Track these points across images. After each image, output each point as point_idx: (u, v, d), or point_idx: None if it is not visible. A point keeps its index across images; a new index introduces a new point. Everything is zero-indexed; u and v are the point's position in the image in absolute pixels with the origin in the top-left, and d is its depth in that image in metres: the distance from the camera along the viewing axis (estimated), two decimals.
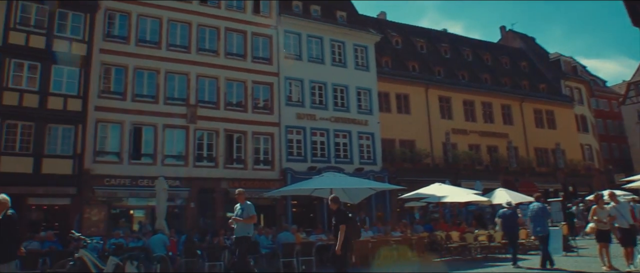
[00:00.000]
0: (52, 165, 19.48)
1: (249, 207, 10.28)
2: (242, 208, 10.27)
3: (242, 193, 10.49)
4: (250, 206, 10.30)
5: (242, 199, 10.38)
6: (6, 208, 7.83)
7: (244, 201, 10.37)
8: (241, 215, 10.17)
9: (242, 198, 10.39)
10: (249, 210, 10.24)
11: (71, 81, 20.87)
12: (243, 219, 10.13)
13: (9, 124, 19.29)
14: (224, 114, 23.88)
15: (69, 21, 21.56)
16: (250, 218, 10.26)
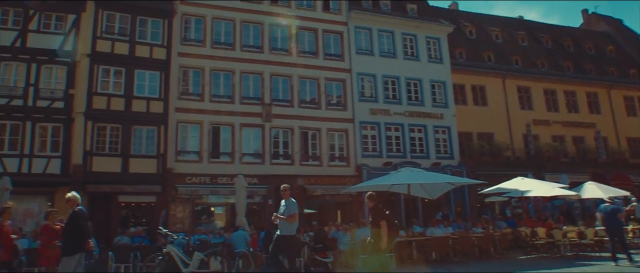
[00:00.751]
0: (138, 164, 20.42)
1: (292, 205, 9.70)
2: (285, 205, 9.78)
3: (286, 189, 9.98)
4: (293, 204, 9.72)
5: (287, 196, 9.87)
6: (75, 205, 8.35)
7: (288, 198, 9.85)
8: (284, 212, 9.68)
9: (287, 195, 9.87)
10: (291, 209, 9.66)
11: (153, 84, 21.77)
12: (285, 217, 9.62)
13: (98, 127, 20.42)
14: (298, 112, 24.04)
15: (149, 27, 22.51)
16: (291, 217, 9.64)
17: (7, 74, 20.10)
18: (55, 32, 21.04)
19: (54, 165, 19.51)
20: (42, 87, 20.24)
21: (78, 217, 8.25)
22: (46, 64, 20.50)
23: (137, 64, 21.63)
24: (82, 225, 8.27)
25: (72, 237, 8.28)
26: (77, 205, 8.42)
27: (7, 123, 19.54)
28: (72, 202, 8.44)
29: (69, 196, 8.58)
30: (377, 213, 9.57)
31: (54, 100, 20.16)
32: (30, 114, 19.73)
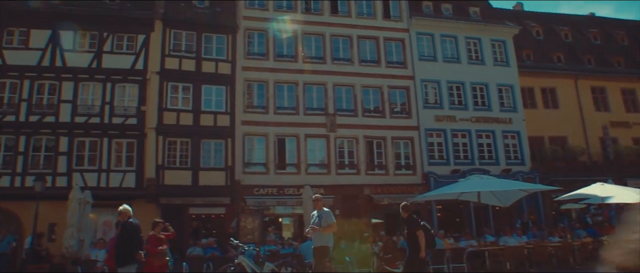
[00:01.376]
0: (207, 177, 20.89)
1: (327, 215, 9.29)
2: (319, 215, 9.35)
3: (318, 200, 9.64)
4: (328, 213, 9.33)
5: (319, 206, 9.48)
6: (127, 217, 8.79)
7: (321, 208, 9.46)
8: (318, 223, 9.24)
9: (319, 205, 9.50)
10: (327, 218, 9.24)
11: (219, 99, 22.29)
12: (321, 228, 9.16)
13: (169, 141, 21.11)
14: (362, 121, 23.86)
15: (214, 44, 23.13)
16: (329, 227, 9.18)
17: (85, 94, 21.19)
18: (126, 52, 22.00)
19: (129, 179, 20.30)
20: (116, 105, 21.19)
21: (128, 229, 8.62)
22: (120, 83, 21.46)
23: (204, 80, 22.23)
24: (133, 236, 8.62)
25: (124, 248, 8.62)
26: (129, 218, 8.83)
27: (86, 140, 20.59)
28: (123, 215, 8.87)
29: (121, 209, 9.05)
30: (412, 223, 9.36)
31: (127, 117, 21.03)
32: (106, 131, 20.68)
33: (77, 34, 21.81)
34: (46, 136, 20.45)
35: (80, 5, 22.35)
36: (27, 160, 20.00)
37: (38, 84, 20.96)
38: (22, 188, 19.28)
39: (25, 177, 19.57)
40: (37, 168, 19.89)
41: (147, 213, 20.03)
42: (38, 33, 21.49)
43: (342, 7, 25.86)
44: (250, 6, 24.61)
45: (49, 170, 19.77)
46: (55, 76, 21.05)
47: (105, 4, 22.94)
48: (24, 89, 20.71)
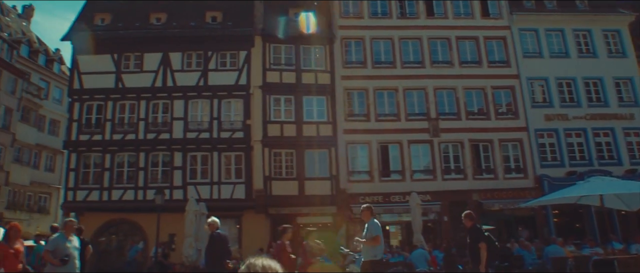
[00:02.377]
0: (313, 186, 21.10)
1: (373, 226, 8.51)
2: (366, 227, 8.70)
3: (364, 210, 8.88)
4: (375, 225, 8.52)
5: (367, 216, 8.74)
6: (215, 229, 9.30)
7: (368, 218, 8.71)
8: (366, 235, 8.58)
9: (367, 216, 8.75)
10: (372, 230, 8.49)
11: (320, 109, 22.53)
12: (366, 241, 8.48)
13: (274, 152, 21.62)
14: (467, 124, 23.02)
15: (312, 55, 23.47)
16: (373, 240, 8.43)
17: (194, 111, 22.29)
18: (230, 69, 22.90)
19: (239, 190, 21.00)
20: (223, 120, 22.09)
21: (216, 240, 9.15)
22: (225, 99, 22.35)
23: (305, 91, 22.58)
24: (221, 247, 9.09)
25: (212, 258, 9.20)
26: (217, 229, 9.32)
27: (198, 154, 21.62)
28: (212, 227, 9.34)
29: (209, 221, 9.54)
30: (475, 234, 8.84)
31: (234, 131, 21.81)
32: (215, 145, 21.57)
33: (184, 55, 23.03)
34: (162, 152, 21.73)
35: (186, 28, 23.64)
36: (147, 175, 21.37)
37: (153, 103, 22.37)
38: (144, 201, 20.59)
39: (146, 190, 20.90)
40: (155, 182, 21.17)
41: (257, 223, 20.66)
42: (150, 56, 22.98)
43: (438, 8, 25.26)
44: (346, 15, 24.72)
45: (166, 184, 20.95)
46: (167, 96, 22.35)
47: (208, 25, 24.05)
48: (141, 109, 22.19)
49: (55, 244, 7.89)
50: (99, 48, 23.12)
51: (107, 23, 24.42)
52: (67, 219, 8.47)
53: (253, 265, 2.47)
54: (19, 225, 7.67)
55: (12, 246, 7.32)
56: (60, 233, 8.15)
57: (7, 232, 7.46)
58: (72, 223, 8.37)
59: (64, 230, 8.22)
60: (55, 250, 7.83)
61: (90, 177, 21.76)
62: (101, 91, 22.54)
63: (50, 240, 8.12)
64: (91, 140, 22.00)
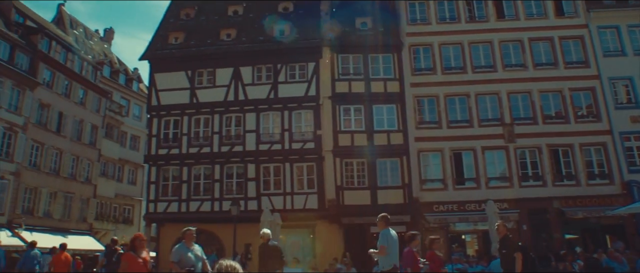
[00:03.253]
0: (385, 195, 20.93)
1: (381, 237, 8.28)
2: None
3: (380, 219, 8.55)
4: (382, 235, 8.27)
5: (382, 226, 8.47)
6: (267, 240, 10.11)
7: (382, 228, 8.46)
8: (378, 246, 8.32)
9: (382, 225, 8.47)
10: (380, 240, 8.26)
11: (390, 117, 22.38)
12: (377, 251, 8.27)
13: (345, 162, 21.67)
14: (544, 129, 22.06)
15: (381, 63, 23.40)
16: (380, 250, 8.22)
17: (265, 123, 22.78)
18: (299, 80, 23.24)
19: (312, 200, 21.18)
20: (294, 131, 22.39)
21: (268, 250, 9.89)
22: (295, 110, 22.69)
23: (374, 100, 22.52)
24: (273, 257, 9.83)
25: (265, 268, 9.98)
26: (268, 241, 10.16)
27: (270, 165, 22.05)
28: (264, 238, 10.17)
29: (261, 233, 10.37)
30: (509, 244, 8.51)
31: (305, 142, 22.07)
32: (287, 156, 21.91)
33: (254, 69, 23.62)
34: (236, 164, 22.33)
35: (256, 43, 24.25)
36: (222, 187, 22.03)
37: (226, 117, 23.07)
38: (220, 212, 21.23)
39: (222, 201, 21.53)
40: (230, 193, 21.77)
41: (330, 233, 20.73)
42: (222, 71, 23.75)
43: (508, 10, 24.49)
44: (413, 22, 24.47)
45: (241, 195, 21.49)
46: (239, 109, 22.99)
47: (276, 38, 24.54)
48: (214, 122, 22.96)
49: (179, 255, 7.69)
50: (174, 65, 24.19)
51: (181, 41, 25.49)
52: (186, 228, 8.06)
53: (219, 265, 3.14)
54: (143, 235, 7.63)
55: (140, 255, 7.32)
56: (181, 244, 7.89)
57: (133, 241, 7.44)
58: (192, 232, 8.01)
59: (184, 239, 7.93)
60: (180, 261, 7.63)
61: (169, 189, 22.70)
62: (177, 107, 23.51)
63: (173, 251, 7.86)
64: (169, 154, 22.97)
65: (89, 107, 33.72)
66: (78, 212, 31.73)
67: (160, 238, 22.41)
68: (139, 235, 7.54)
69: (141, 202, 36.27)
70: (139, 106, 40.30)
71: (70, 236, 27.86)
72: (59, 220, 29.80)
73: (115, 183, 35.89)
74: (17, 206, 26.95)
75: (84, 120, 33.04)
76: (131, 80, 41.22)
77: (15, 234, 25.33)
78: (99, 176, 34.05)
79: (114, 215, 35.78)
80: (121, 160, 36.92)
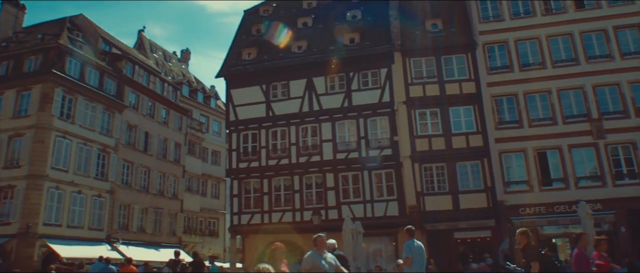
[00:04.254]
0: (468, 200, 20.46)
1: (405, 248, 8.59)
2: None
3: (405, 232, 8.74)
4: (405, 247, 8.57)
5: (406, 237, 8.81)
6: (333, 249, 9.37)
7: (407, 239, 8.84)
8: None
9: (406, 237, 8.81)
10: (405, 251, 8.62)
11: (468, 119, 21.88)
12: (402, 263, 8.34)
13: (425, 167, 21.40)
14: (637, 122, 20.64)
15: (454, 64, 22.93)
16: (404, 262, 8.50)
17: (341, 132, 22.97)
18: (372, 87, 23.27)
19: (392, 207, 21.10)
20: (370, 139, 22.41)
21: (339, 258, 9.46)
22: (370, 117, 22.73)
23: (450, 102, 22.12)
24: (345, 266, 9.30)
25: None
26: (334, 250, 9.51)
27: (349, 174, 22.20)
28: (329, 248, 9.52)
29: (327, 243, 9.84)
30: (528, 253, 7.98)
31: (382, 149, 22.04)
32: (365, 164, 21.92)
33: (327, 79, 23.90)
34: (314, 174, 22.68)
35: (326, 53, 24.55)
36: (302, 197, 22.44)
37: (302, 128, 23.52)
38: (301, 222, 21.64)
39: (303, 212, 21.93)
40: (310, 203, 22.14)
41: None
42: (296, 83, 24.24)
43: None
44: (485, 20, 23.78)
45: (321, 205, 21.80)
46: (314, 119, 23.34)
47: (347, 47, 24.71)
48: (291, 134, 23.47)
49: (311, 263, 7.06)
50: (248, 81, 24.98)
51: (254, 56, 26.27)
52: (318, 234, 7.41)
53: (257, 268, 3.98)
54: (282, 245, 6.75)
55: (279, 268, 6.51)
56: (313, 251, 7.19)
57: (273, 253, 6.61)
58: (323, 239, 7.37)
59: (316, 246, 7.23)
60: (312, 269, 7.06)
61: (251, 201, 23.41)
62: (254, 120, 24.25)
63: (305, 259, 7.20)
64: (249, 167, 23.69)
65: (171, 125, 35.51)
66: (167, 226, 33.44)
67: (245, 250, 23.11)
68: (279, 245, 6.77)
69: (225, 215, 37.68)
70: (218, 122, 41.94)
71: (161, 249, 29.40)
72: (151, 234, 31.55)
73: (200, 197, 37.53)
74: (114, 222, 28.80)
75: (167, 139, 34.82)
76: (209, 97, 42.99)
77: (114, 248, 27.08)
78: (185, 191, 35.75)
79: (201, 228, 37.40)
80: (204, 175, 38.55)
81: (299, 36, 26.40)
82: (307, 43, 25.75)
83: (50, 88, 26.49)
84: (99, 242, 27.11)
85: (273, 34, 26.82)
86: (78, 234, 26.36)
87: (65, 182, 26.25)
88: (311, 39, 26.06)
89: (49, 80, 26.53)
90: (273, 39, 26.56)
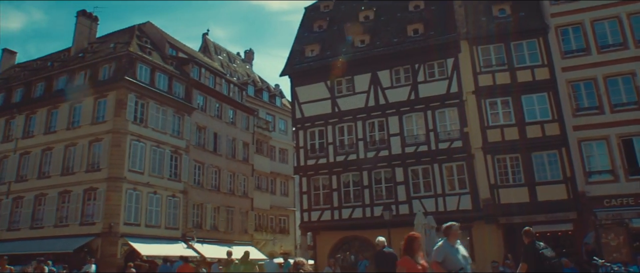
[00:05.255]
0: (545, 191, 19.51)
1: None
2: None
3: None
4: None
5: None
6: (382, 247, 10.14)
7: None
8: None
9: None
10: None
11: (542, 107, 20.85)
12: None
13: (497, 159, 20.62)
14: None
15: (525, 50, 21.91)
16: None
17: (409, 125, 22.57)
18: (439, 78, 22.68)
19: (465, 201, 20.50)
20: (439, 131, 21.88)
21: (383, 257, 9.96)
22: (438, 109, 22.18)
23: (522, 90, 21.16)
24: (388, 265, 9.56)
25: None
26: (383, 247, 10.18)
27: (418, 168, 21.79)
28: (379, 245, 10.34)
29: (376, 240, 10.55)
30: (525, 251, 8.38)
31: (452, 141, 21.47)
32: (434, 157, 21.47)
33: (392, 72, 23.53)
34: (383, 169, 22.42)
35: (390, 45, 24.17)
36: (371, 192, 22.25)
37: (368, 123, 23.31)
38: (372, 218, 21.49)
39: (373, 207, 21.76)
40: (380, 199, 21.92)
41: (488, 234, 19.85)
42: (360, 78, 24.05)
43: None
44: (556, 1, 22.51)
45: (391, 200, 21.53)
46: (381, 113, 23.06)
47: (411, 38, 24.20)
48: (358, 129, 23.32)
49: (443, 254, 6.36)
50: (313, 77, 25.03)
51: (317, 53, 26.28)
52: (449, 223, 6.69)
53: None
54: (420, 234, 6.19)
55: (417, 260, 5.95)
56: (444, 241, 6.51)
57: (411, 243, 5.96)
58: (456, 228, 6.66)
59: (448, 236, 6.53)
60: (444, 261, 6.33)
61: (320, 198, 23.47)
62: (320, 117, 24.28)
63: (436, 250, 6.49)
64: (317, 164, 23.76)
65: (238, 125, 36.32)
66: (239, 224, 34.27)
67: (316, 246, 23.24)
68: (415, 235, 6.15)
69: (294, 212, 38.17)
70: (284, 120, 42.47)
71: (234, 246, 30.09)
72: (223, 232, 32.46)
73: (269, 195, 38.21)
74: (188, 221, 29.82)
75: (236, 138, 35.65)
76: (274, 96, 43.64)
77: (189, 246, 28.04)
78: (254, 190, 36.50)
79: (271, 225, 38.08)
80: (272, 173, 39.19)
81: (362, 30, 26.13)
82: (370, 37, 25.45)
83: (123, 94, 27.75)
84: (175, 240, 28.17)
85: None
86: (156, 233, 27.52)
87: (141, 183, 27.44)
88: (374, 32, 25.74)
89: (122, 86, 27.78)
90: None
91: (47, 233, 27.01)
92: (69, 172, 27.82)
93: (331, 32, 27.51)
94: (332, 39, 26.79)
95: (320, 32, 27.81)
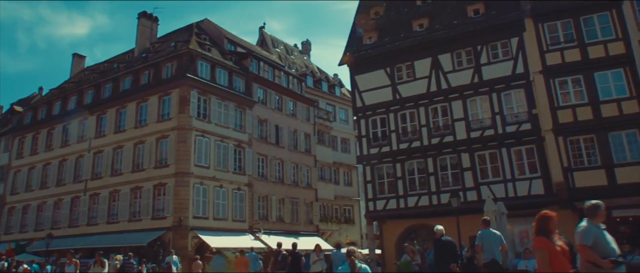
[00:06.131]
0: (626, 173, 18.32)
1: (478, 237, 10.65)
2: None
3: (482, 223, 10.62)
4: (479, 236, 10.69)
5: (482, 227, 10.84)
6: (440, 235, 10.59)
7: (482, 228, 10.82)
8: None
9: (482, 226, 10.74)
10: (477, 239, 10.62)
11: (619, 83, 19.56)
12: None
13: (570, 141, 19.63)
14: None
15: (597, 24, 20.63)
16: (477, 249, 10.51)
17: (473, 109, 21.90)
18: (503, 59, 21.80)
19: (536, 186, 19.68)
20: (506, 114, 21.08)
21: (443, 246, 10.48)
22: (504, 91, 21.34)
23: (594, 66, 19.95)
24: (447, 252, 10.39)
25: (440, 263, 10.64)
26: (442, 236, 10.57)
27: (485, 152, 21.10)
28: (437, 234, 10.65)
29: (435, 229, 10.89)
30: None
31: (520, 124, 20.62)
32: (502, 141, 20.73)
33: (453, 55, 22.87)
34: (448, 155, 21.91)
35: (449, 28, 23.50)
36: (437, 179, 21.81)
37: (431, 108, 22.81)
38: (438, 205, 21.09)
39: (439, 194, 21.33)
40: (447, 185, 21.45)
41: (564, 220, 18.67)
42: (421, 63, 23.52)
43: None
44: None
45: (458, 186, 21.00)
46: (443, 98, 22.50)
47: (472, 19, 23.40)
48: (420, 115, 22.87)
49: (593, 237, 5.42)
50: (372, 65, 24.74)
51: (375, 40, 25.94)
52: (595, 202, 5.66)
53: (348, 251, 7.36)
54: (555, 214, 5.42)
55: (554, 241, 5.26)
56: (590, 223, 5.56)
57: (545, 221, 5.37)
58: (603, 209, 5.65)
59: (594, 217, 5.60)
60: (595, 245, 5.39)
61: (385, 186, 23.26)
62: (381, 105, 23.99)
63: (582, 232, 5.52)
64: (380, 152, 23.53)
65: (299, 117, 36.61)
66: (304, 215, 34.68)
67: (383, 236, 23.11)
68: (549, 213, 5.51)
69: (359, 202, 38.17)
70: (344, 110, 42.41)
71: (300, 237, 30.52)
72: (289, 223, 32.95)
73: (333, 185, 38.39)
74: (254, 213, 30.47)
75: (297, 130, 35.97)
76: (333, 86, 43.63)
77: (256, 238, 28.66)
78: (318, 180, 36.76)
79: (336, 215, 38.27)
80: (335, 164, 39.31)
81: (420, 14, 25.55)
82: (429, 20, 24.83)
83: (186, 91, 28.59)
84: (243, 232, 28.89)
85: None
86: (223, 226, 28.31)
87: (207, 177, 28.25)
88: (432, 15, 25.10)
89: (185, 83, 28.63)
90: None
91: (122, 228, 28.44)
92: (139, 169, 29.07)
93: (388, 18, 27.06)
94: (389, 25, 26.36)
95: (377, 19, 27.42)
